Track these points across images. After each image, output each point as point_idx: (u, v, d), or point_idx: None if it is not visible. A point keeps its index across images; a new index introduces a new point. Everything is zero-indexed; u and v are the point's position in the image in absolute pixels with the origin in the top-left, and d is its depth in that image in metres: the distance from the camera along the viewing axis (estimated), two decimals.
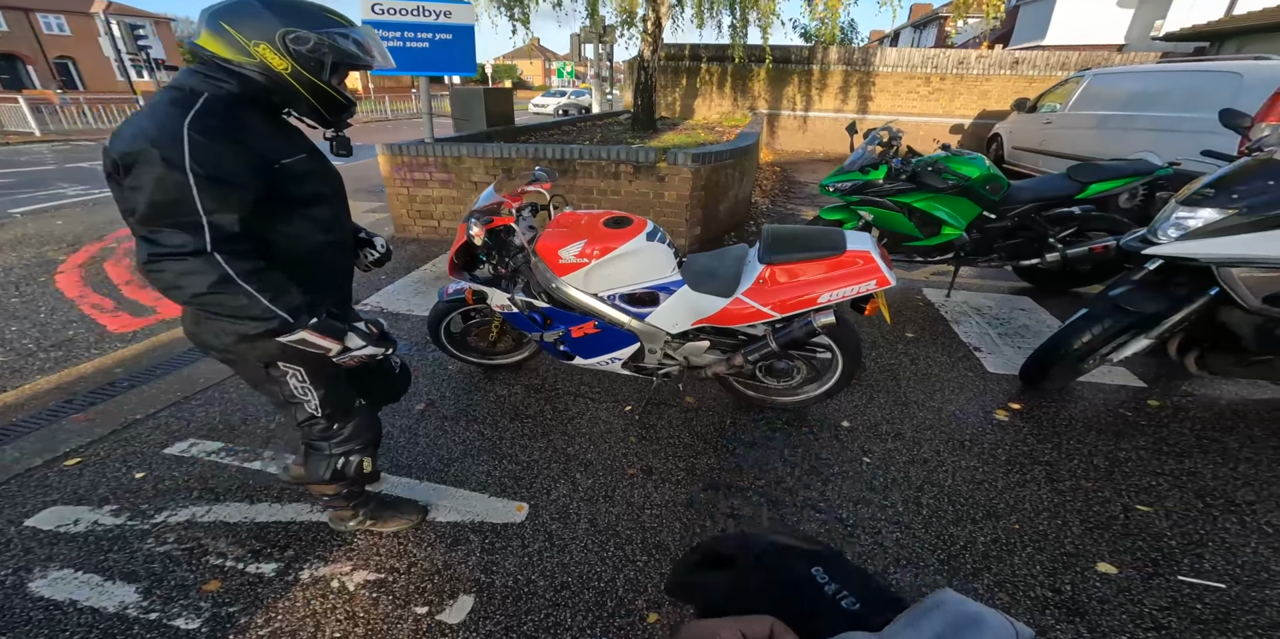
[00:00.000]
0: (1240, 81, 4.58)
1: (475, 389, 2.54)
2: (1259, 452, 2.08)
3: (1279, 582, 1.50)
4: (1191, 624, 1.39)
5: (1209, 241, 1.95)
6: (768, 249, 1.94)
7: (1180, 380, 2.56)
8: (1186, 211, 2.02)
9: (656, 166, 4.19)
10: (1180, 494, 1.84)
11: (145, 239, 1.02)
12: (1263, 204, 1.90)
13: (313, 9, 1.12)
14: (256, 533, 1.72)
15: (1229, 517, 1.74)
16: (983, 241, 3.41)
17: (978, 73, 9.75)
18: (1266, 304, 1.94)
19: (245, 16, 1.04)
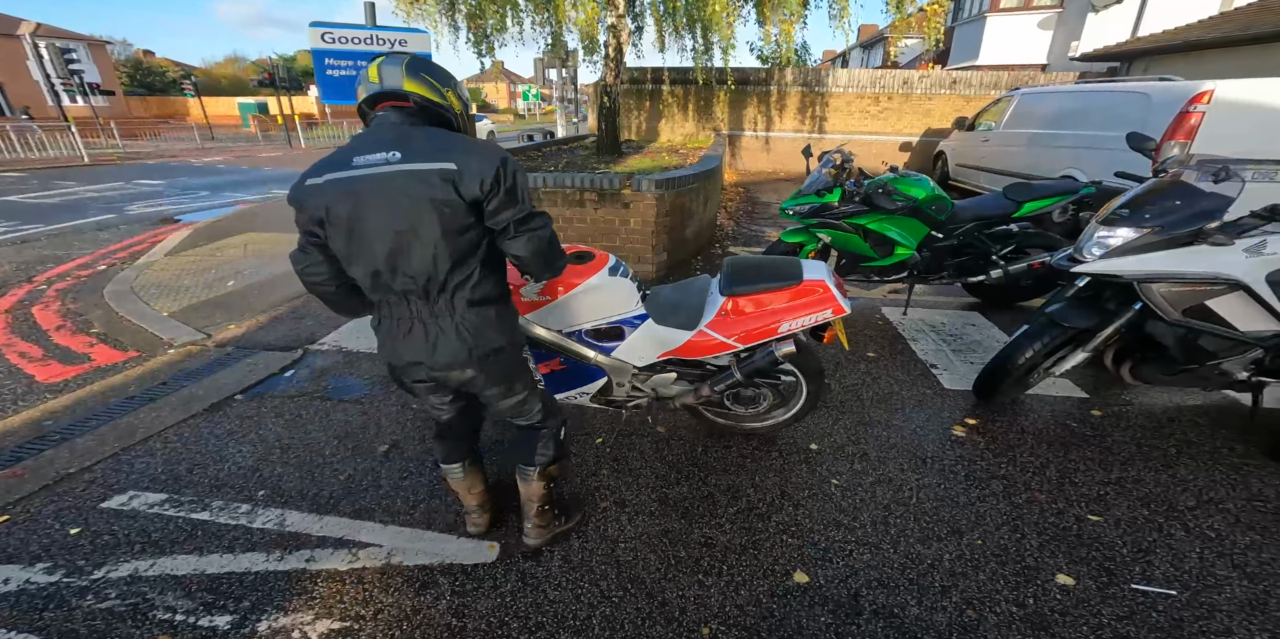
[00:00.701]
0: (1149, 102, 4.94)
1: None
2: (1195, 456, 2.22)
3: (1225, 586, 1.59)
4: (1149, 632, 1.45)
5: (1129, 259, 2.07)
6: (728, 281, 1.98)
7: (1119, 390, 2.73)
8: (1106, 231, 2.14)
9: (621, 193, 4.22)
10: (1127, 502, 1.95)
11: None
12: (1173, 223, 2.03)
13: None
14: (208, 585, 1.64)
15: (1173, 523, 1.84)
16: (933, 260, 3.57)
17: (921, 92, 10.29)
18: (1186, 317, 2.07)
19: (435, 70, 1.33)
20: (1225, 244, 1.99)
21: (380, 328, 1.40)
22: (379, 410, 2.61)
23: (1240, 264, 2.00)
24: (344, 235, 1.23)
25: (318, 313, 3.84)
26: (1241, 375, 2.25)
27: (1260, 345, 2.12)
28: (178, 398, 2.71)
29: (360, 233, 1.21)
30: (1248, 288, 2.01)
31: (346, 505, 1.99)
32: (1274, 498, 1.96)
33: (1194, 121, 4.48)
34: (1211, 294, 2.05)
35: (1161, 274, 2.04)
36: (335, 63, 4.24)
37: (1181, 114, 4.53)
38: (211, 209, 7.95)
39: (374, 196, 1.18)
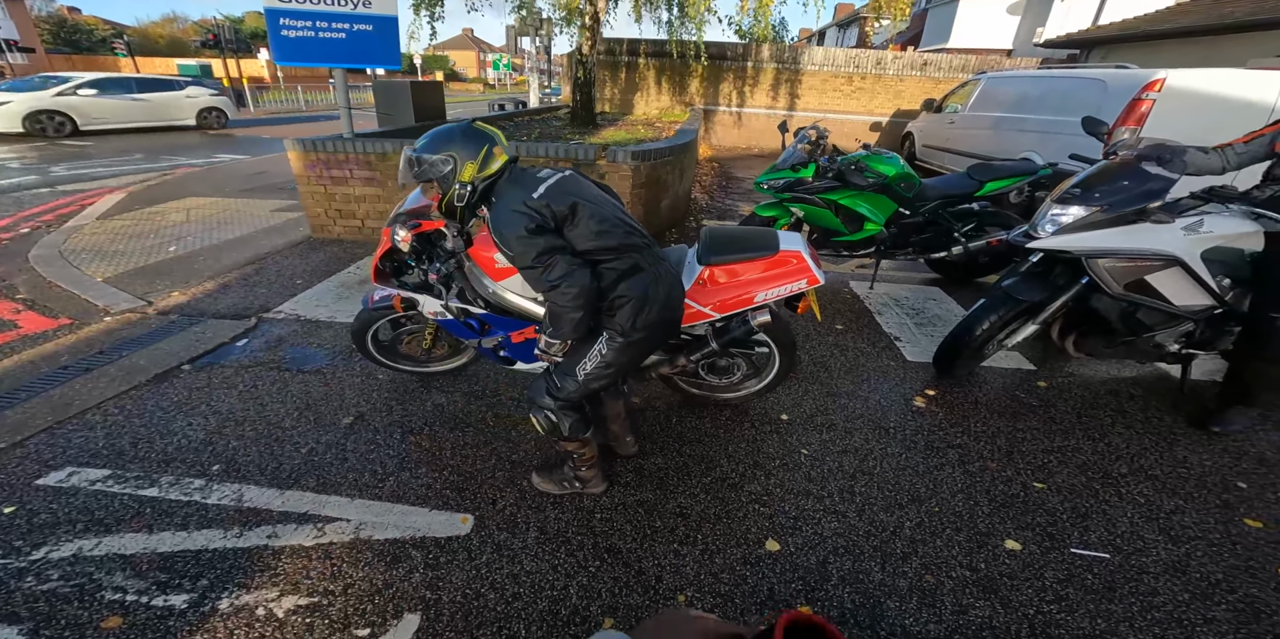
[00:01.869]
0: (1105, 88, 5.10)
1: (410, 399, 2.41)
2: (1129, 426, 2.39)
3: (1152, 550, 1.73)
4: (1086, 594, 1.57)
5: (1078, 235, 2.19)
6: (707, 250, 1.97)
7: (1063, 363, 2.89)
8: (1059, 209, 2.24)
9: (596, 164, 4.12)
10: (1067, 470, 2.08)
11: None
12: (1119, 202, 2.15)
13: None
14: (160, 564, 1.57)
15: (1108, 489, 1.99)
16: (899, 236, 3.64)
17: (893, 73, 10.32)
18: (1127, 291, 2.22)
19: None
20: (1166, 222, 2.13)
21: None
22: (342, 381, 2.51)
23: (1178, 242, 2.13)
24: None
25: (272, 280, 3.63)
26: (1173, 347, 2.43)
27: (1192, 319, 2.30)
28: (117, 368, 2.53)
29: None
30: (1184, 264, 2.15)
31: (310, 479, 1.92)
32: (1197, 465, 2.13)
33: (1145, 109, 4.66)
34: (1151, 270, 2.19)
35: (1107, 250, 2.17)
36: (291, 23, 3.93)
37: (1134, 101, 4.70)
38: (149, 173, 7.32)
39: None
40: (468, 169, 1.47)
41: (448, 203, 1.53)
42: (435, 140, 1.49)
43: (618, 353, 1.57)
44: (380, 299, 2.16)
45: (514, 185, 1.49)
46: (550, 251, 1.39)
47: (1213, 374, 2.74)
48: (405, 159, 1.52)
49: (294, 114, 17.62)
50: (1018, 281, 2.45)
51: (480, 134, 1.50)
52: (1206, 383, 2.70)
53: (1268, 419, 2.40)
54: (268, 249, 4.27)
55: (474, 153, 1.47)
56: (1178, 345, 2.43)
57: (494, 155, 1.50)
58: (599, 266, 1.52)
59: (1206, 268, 2.16)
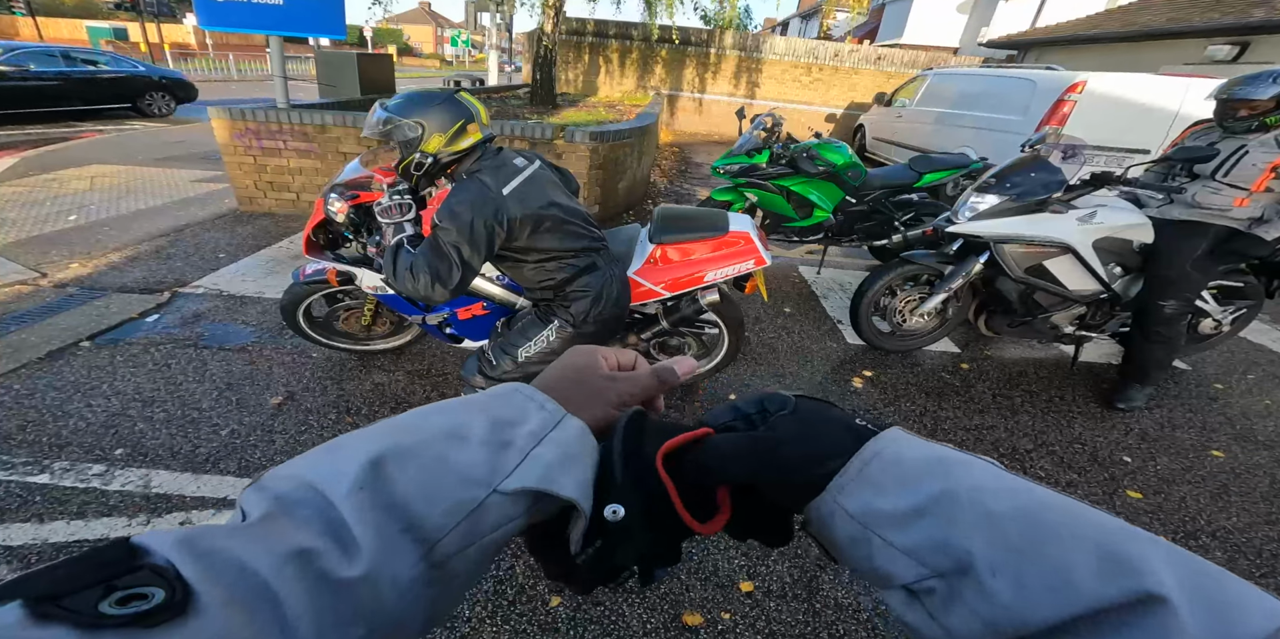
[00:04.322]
0: (1034, 88, 5.39)
1: (347, 377, 2.30)
2: (1035, 404, 2.57)
3: None
4: None
5: (989, 222, 2.38)
6: (658, 229, 1.96)
7: (983, 346, 3.09)
8: (977, 197, 2.43)
9: (554, 143, 4.03)
10: (981, 446, 2.23)
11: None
12: (1025, 192, 2.35)
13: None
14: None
15: (1015, 464, 2.14)
16: (845, 223, 3.76)
17: (850, 66, 10.55)
18: (1027, 274, 2.43)
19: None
20: (1062, 212, 2.34)
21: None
22: (270, 359, 2.36)
23: (1072, 231, 2.35)
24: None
25: (190, 254, 3.34)
26: (1068, 329, 2.69)
27: (1083, 302, 2.54)
28: (3, 345, 2.28)
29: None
30: (1075, 252, 2.37)
31: (230, 463, 1.81)
32: (1090, 441, 2.33)
33: (1067, 109, 4.98)
34: (1048, 256, 2.41)
35: (1012, 236, 2.37)
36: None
37: (1057, 101, 5.01)
38: (46, 137, 6.53)
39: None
40: (434, 140, 1.40)
41: (405, 166, 1.45)
42: (409, 103, 1.41)
43: (565, 342, 1.58)
44: (313, 272, 2.03)
45: (489, 172, 1.42)
46: (456, 248, 1.33)
47: (1109, 357, 3.00)
48: (375, 114, 1.43)
49: (225, 81, 16.28)
50: (916, 252, 2.68)
51: (459, 107, 1.42)
52: (1102, 365, 2.95)
53: (1157, 396, 2.65)
54: (186, 221, 3.92)
55: (445, 125, 1.39)
56: (1072, 327, 2.68)
57: (467, 132, 1.43)
58: (559, 261, 1.51)
59: (1097, 256, 2.39)
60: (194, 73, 17.32)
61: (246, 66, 19.46)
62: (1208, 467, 2.21)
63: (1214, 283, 2.65)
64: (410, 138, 1.40)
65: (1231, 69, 6.65)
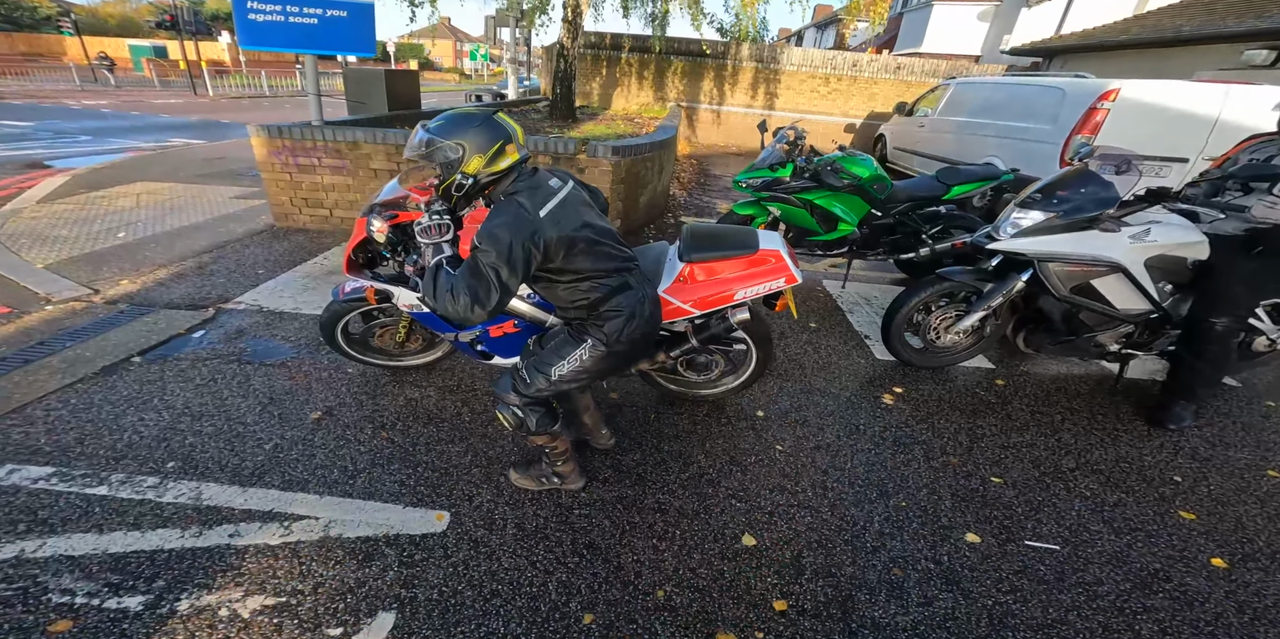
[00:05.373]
0: (1064, 97, 5.27)
1: (381, 393, 2.35)
2: (1076, 422, 2.52)
3: (1097, 541, 1.83)
4: (1038, 585, 1.65)
5: (1034, 239, 2.32)
6: (688, 247, 1.98)
7: (1019, 362, 3.02)
8: (1020, 213, 2.36)
9: (576, 158, 4.10)
10: (1021, 465, 2.19)
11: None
12: (1072, 209, 2.28)
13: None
14: (112, 565, 1.50)
15: (1058, 483, 2.09)
16: (870, 236, 3.73)
17: (868, 75, 10.51)
18: (1073, 293, 2.36)
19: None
20: (1113, 231, 2.26)
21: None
22: (308, 375, 2.43)
23: (1123, 250, 2.27)
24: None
25: (231, 269, 3.48)
26: (1114, 347, 2.60)
27: (1131, 322, 2.46)
28: (60, 360, 2.38)
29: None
30: (1126, 270, 2.29)
31: (274, 477, 1.86)
32: (1137, 460, 2.27)
33: (1100, 118, 4.86)
34: (1096, 274, 2.33)
35: (1058, 255, 2.30)
36: (259, 7, 3.76)
37: (1090, 110, 4.89)
38: (95, 155, 6.87)
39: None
40: (474, 161, 1.42)
41: (445, 187, 1.48)
42: (450, 124, 1.43)
43: (598, 361, 1.60)
44: (352, 291, 2.10)
45: (526, 194, 1.44)
46: (495, 270, 1.34)
47: (1154, 374, 2.92)
48: (417, 135, 1.46)
49: (258, 97, 16.93)
50: (953, 268, 2.63)
51: (498, 127, 1.45)
52: (1146, 382, 2.87)
53: (1203, 414, 2.57)
54: (226, 237, 4.07)
55: (486, 146, 1.42)
56: (1118, 345, 2.60)
57: (505, 152, 1.45)
58: (592, 281, 1.54)
59: (1149, 275, 2.31)
60: (228, 91, 18.11)
61: (277, 83, 20.20)
62: (1265, 487, 2.13)
63: (1271, 301, 2.56)
64: (451, 159, 1.42)
65: (1271, 74, 6.46)
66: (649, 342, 1.73)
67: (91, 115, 10.98)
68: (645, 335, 1.65)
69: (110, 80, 18.84)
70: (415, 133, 1.46)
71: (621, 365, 1.72)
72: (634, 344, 1.62)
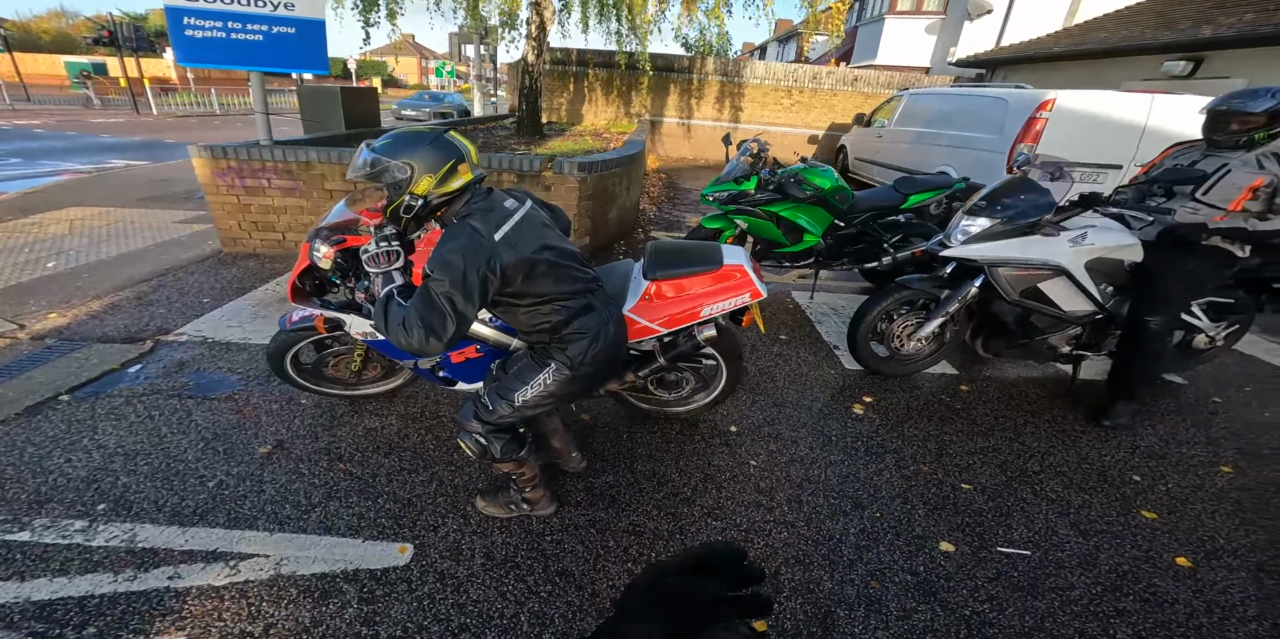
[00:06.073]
0: (1007, 106, 5.52)
1: (338, 424, 2.24)
2: (1037, 424, 2.57)
3: (1066, 545, 1.85)
4: (1013, 592, 1.66)
5: (983, 245, 2.40)
6: (652, 265, 1.96)
7: (980, 366, 3.09)
8: (969, 220, 2.45)
9: (542, 175, 4.04)
10: (989, 470, 2.21)
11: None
12: (1015, 215, 2.37)
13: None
14: (36, 613, 1.40)
15: (1024, 488, 2.12)
16: (835, 247, 3.80)
17: (828, 87, 10.85)
18: (1022, 297, 2.45)
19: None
20: (1054, 235, 2.36)
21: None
22: (258, 407, 2.30)
23: (1065, 253, 2.37)
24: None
25: (172, 299, 3.29)
26: (1065, 349, 2.70)
27: (1078, 323, 2.56)
28: None
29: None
30: (1069, 273, 2.39)
31: (219, 515, 1.75)
32: (1097, 460, 2.32)
33: (1039, 127, 5.11)
34: (1042, 278, 2.42)
35: (1006, 260, 2.39)
36: (198, 23, 3.61)
37: (1030, 119, 5.14)
38: (26, 179, 6.50)
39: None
40: (424, 182, 1.36)
41: (394, 210, 1.41)
42: (398, 144, 1.37)
43: (563, 384, 1.55)
44: (300, 319, 2.00)
45: (480, 216, 1.38)
46: (449, 299, 1.28)
47: (1102, 373, 3.02)
48: (361, 155, 1.39)
49: (208, 116, 16.33)
50: (911, 276, 2.70)
51: (449, 146, 1.39)
52: (1098, 381, 2.96)
53: (1147, 413, 2.66)
54: (169, 264, 3.86)
55: (435, 165, 1.36)
56: (1068, 347, 2.69)
57: (457, 172, 1.39)
58: (554, 304, 1.49)
59: (1090, 277, 2.41)
60: (175, 109, 17.44)
61: (229, 101, 19.56)
62: (1219, 483, 2.20)
63: (1205, 299, 2.69)
64: (399, 179, 1.36)
65: (1188, 84, 6.92)
66: (615, 363, 1.68)
67: (23, 135, 10.42)
68: (611, 357, 1.61)
69: (95, 102, 17.81)
70: (359, 152, 1.39)
71: (588, 388, 1.67)
72: (600, 366, 1.57)
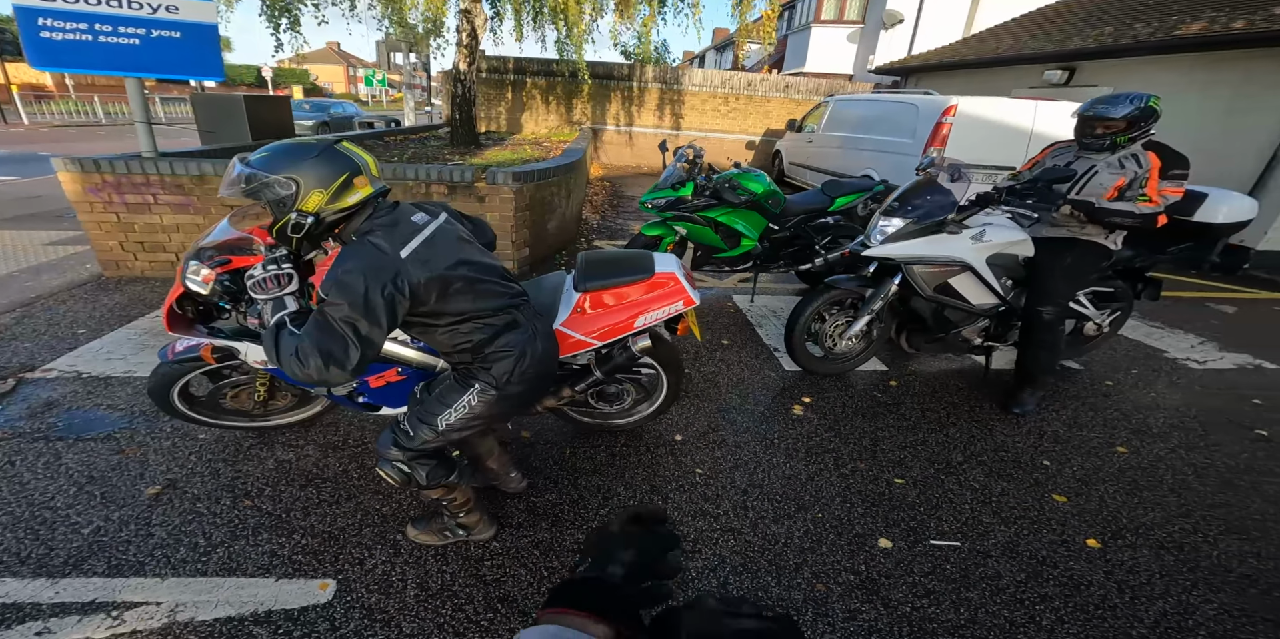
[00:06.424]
0: (918, 112, 5.92)
1: (245, 458, 2.04)
2: (959, 415, 2.70)
3: (991, 533, 1.94)
4: (948, 585, 1.71)
5: (898, 245, 2.53)
6: (582, 277, 1.90)
7: (907, 361, 3.25)
8: (885, 221, 2.58)
9: (475, 186, 3.86)
10: (919, 463, 2.30)
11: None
12: (924, 215, 2.52)
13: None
14: None
15: (951, 478, 2.22)
16: (771, 250, 3.88)
17: (762, 94, 11.20)
18: (936, 293, 2.60)
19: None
20: (957, 233, 2.53)
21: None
22: (144, 446, 2.06)
23: (968, 250, 2.54)
24: None
25: (40, 331, 2.89)
26: (977, 341, 2.90)
27: (986, 316, 2.75)
28: None
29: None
30: (973, 269, 2.56)
31: (97, 562, 1.55)
32: (1011, 447, 2.46)
33: (945, 131, 5.51)
34: (951, 274, 2.59)
35: (919, 257, 2.53)
36: (55, 24, 3.18)
37: (938, 124, 5.53)
38: None
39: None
40: (313, 197, 1.22)
41: (280, 229, 1.26)
42: (278, 157, 1.22)
43: (489, 405, 1.45)
44: (184, 350, 1.78)
45: (383, 233, 1.26)
46: (350, 324, 1.16)
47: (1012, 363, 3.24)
48: (235, 169, 1.23)
49: (91, 126, 14.56)
50: (839, 278, 2.82)
51: (340, 158, 1.25)
52: (1009, 371, 3.14)
53: (1051, 398, 2.88)
54: (38, 292, 3.41)
55: (326, 180, 1.22)
56: (980, 339, 2.89)
57: (353, 186, 1.26)
58: (475, 322, 1.40)
59: (991, 272, 2.60)
60: (50, 119, 15.44)
61: (116, 109, 17.40)
62: (1117, 464, 2.37)
63: (1088, 289, 2.95)
64: (282, 196, 1.21)
65: (1065, 92, 7.66)
66: (546, 379, 1.61)
67: None
68: (540, 374, 1.53)
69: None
70: (232, 167, 1.23)
71: (519, 406, 1.59)
72: (529, 383, 1.49)
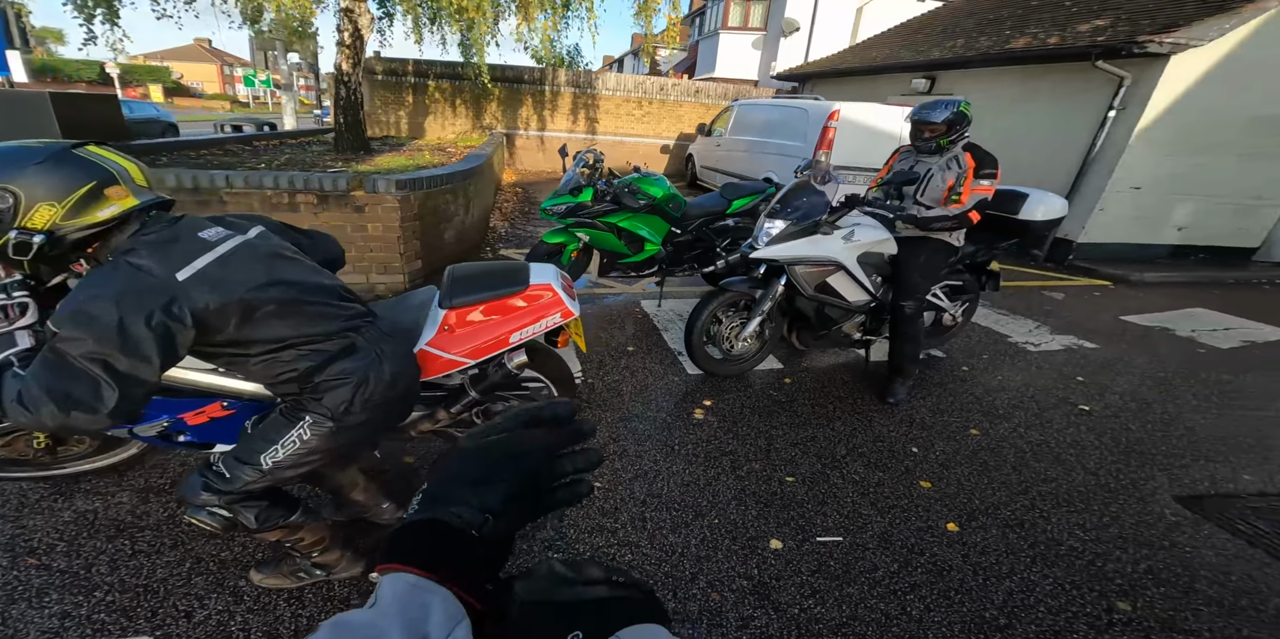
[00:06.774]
0: (807, 116, 6.31)
1: (31, 511, 1.77)
2: (843, 409, 2.85)
3: (869, 525, 2.00)
4: (831, 582, 1.74)
5: (780, 246, 2.66)
6: (449, 292, 1.80)
7: (799, 358, 3.41)
8: (770, 223, 2.70)
9: (351, 195, 3.56)
10: (808, 460, 2.39)
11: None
12: (801, 216, 2.66)
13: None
14: None
15: (835, 473, 2.33)
16: (675, 254, 3.94)
17: (674, 98, 11.42)
18: (816, 292, 2.76)
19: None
20: (830, 234, 2.70)
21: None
22: None
23: (841, 250, 2.72)
24: None
25: None
26: (856, 336, 3.11)
27: (861, 311, 2.95)
28: None
29: None
30: (846, 268, 2.75)
31: None
32: (885, 437, 2.62)
33: (831, 135, 5.91)
34: (828, 273, 2.76)
35: (799, 258, 2.67)
36: None
37: (824, 128, 5.93)
38: None
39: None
40: (42, 212, 1.03)
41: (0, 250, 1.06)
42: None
43: (326, 438, 1.31)
44: None
45: (149, 251, 1.09)
46: (101, 361, 1.00)
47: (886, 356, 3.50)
48: None
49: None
50: (732, 280, 2.93)
51: (81, 165, 1.06)
52: (885, 362, 3.38)
53: (920, 387, 3.11)
54: None
55: (60, 191, 1.03)
56: (858, 333, 3.12)
57: (104, 198, 1.07)
58: (298, 349, 1.26)
59: (861, 270, 2.80)
60: None
61: None
62: (970, 446, 2.57)
63: (941, 284, 3.26)
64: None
65: (929, 99, 8.47)
66: (398, 405, 1.48)
67: None
68: (391, 400, 1.41)
69: None
70: None
71: (369, 436, 1.46)
72: (375, 411, 1.36)
